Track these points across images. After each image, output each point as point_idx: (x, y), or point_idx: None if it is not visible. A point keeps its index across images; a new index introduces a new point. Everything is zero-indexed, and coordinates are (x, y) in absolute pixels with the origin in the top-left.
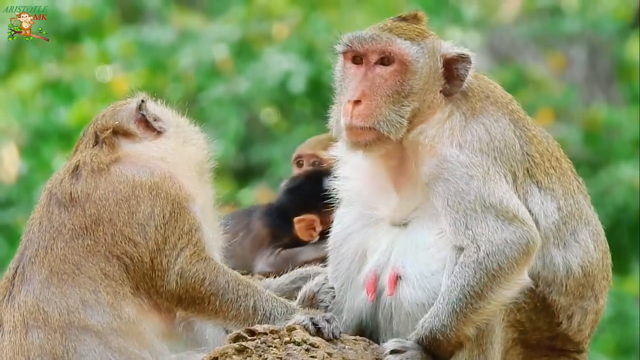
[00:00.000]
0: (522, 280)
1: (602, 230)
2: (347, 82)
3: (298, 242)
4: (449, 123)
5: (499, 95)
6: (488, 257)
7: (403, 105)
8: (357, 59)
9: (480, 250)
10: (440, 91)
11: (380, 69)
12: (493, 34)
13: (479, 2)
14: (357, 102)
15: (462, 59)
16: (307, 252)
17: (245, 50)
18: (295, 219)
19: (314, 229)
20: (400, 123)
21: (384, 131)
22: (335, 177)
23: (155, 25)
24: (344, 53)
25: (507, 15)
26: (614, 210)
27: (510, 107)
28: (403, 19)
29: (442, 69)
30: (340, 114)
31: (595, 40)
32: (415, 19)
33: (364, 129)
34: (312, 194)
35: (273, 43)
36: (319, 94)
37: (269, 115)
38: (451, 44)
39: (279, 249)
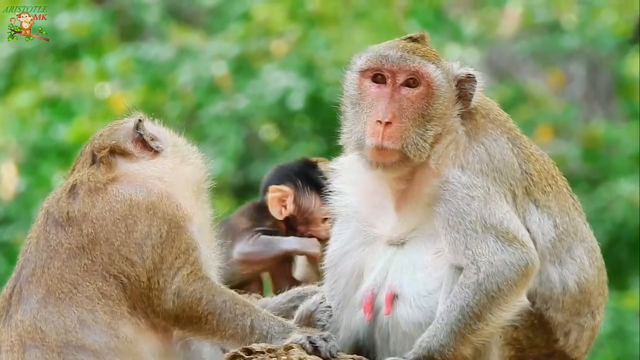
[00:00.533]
0: (520, 302)
1: (598, 247)
2: (370, 101)
3: (279, 232)
4: (454, 144)
5: (497, 113)
6: (488, 278)
7: (427, 130)
8: (379, 77)
9: (480, 272)
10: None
11: (406, 91)
12: (492, 50)
13: (478, 19)
14: (387, 123)
15: (470, 78)
16: (288, 242)
17: (244, 67)
18: (271, 186)
19: (285, 206)
20: (424, 147)
21: (410, 154)
22: (331, 191)
23: (154, 42)
24: (364, 71)
25: (506, 31)
26: (613, 226)
27: (508, 125)
28: (414, 39)
29: (457, 91)
30: (363, 133)
31: (594, 57)
32: (423, 39)
33: (393, 150)
34: (296, 172)
35: (272, 60)
36: (318, 111)
37: (268, 132)
38: (459, 64)
39: (259, 233)
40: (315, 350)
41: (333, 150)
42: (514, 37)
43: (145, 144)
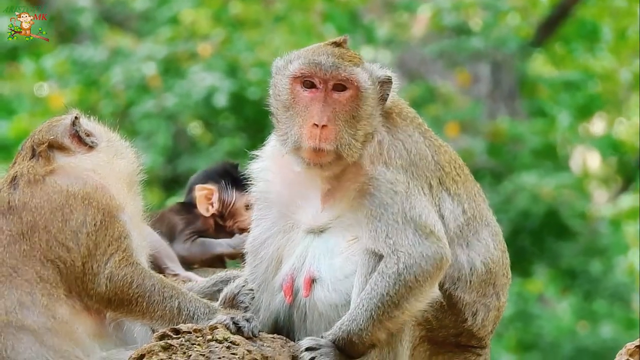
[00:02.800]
0: (433, 292)
1: (500, 231)
2: (304, 106)
3: (210, 233)
4: (377, 143)
5: (407, 111)
6: (407, 269)
7: (358, 130)
8: (308, 83)
9: (399, 262)
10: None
11: (337, 95)
12: (403, 52)
13: (391, 22)
14: (323, 126)
15: (388, 80)
16: (223, 245)
17: (172, 68)
18: (197, 185)
19: (212, 203)
20: (356, 146)
21: (344, 153)
22: (253, 179)
23: (89, 45)
24: (295, 78)
25: (416, 34)
26: (517, 216)
27: (417, 121)
28: (338, 44)
29: (380, 92)
30: (299, 136)
31: (499, 58)
32: (345, 43)
33: (329, 151)
34: (219, 172)
35: (198, 61)
36: (241, 109)
37: (194, 128)
38: (379, 66)
39: (195, 236)
40: (239, 330)
41: (255, 145)
42: (423, 39)
43: (81, 139)
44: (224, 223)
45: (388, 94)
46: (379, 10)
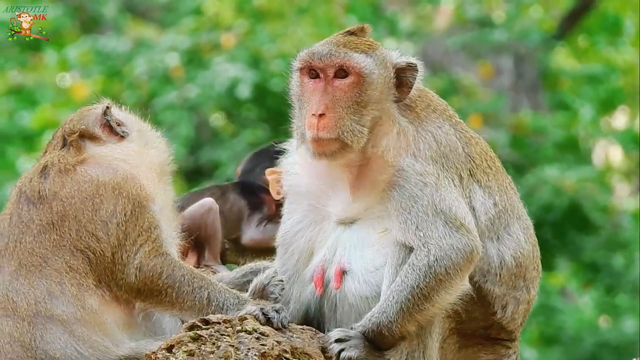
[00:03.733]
0: (463, 285)
1: (532, 225)
2: (308, 97)
3: (275, 220)
4: (402, 134)
5: (437, 102)
6: (437, 261)
7: (363, 115)
8: (313, 73)
9: (430, 254)
10: (394, 100)
11: (338, 82)
12: (426, 44)
13: (414, 14)
14: (321, 115)
15: (411, 67)
16: None
17: (195, 59)
18: (267, 170)
19: (281, 186)
20: (362, 132)
21: (347, 140)
22: (284, 173)
23: (112, 36)
24: (301, 69)
25: (439, 26)
26: (539, 209)
27: (448, 112)
28: (352, 33)
29: (394, 79)
30: (304, 127)
31: (521, 50)
32: (362, 31)
33: (330, 140)
34: (274, 155)
35: (221, 52)
36: (264, 100)
37: (217, 119)
38: (399, 53)
39: (265, 222)
40: (268, 321)
41: (277, 136)
42: (446, 31)
43: (112, 129)
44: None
45: (411, 81)
46: (401, 2)
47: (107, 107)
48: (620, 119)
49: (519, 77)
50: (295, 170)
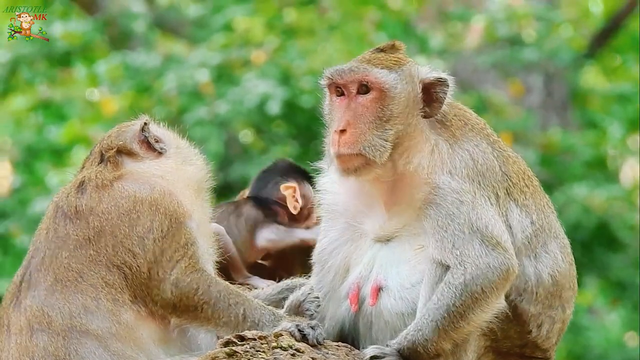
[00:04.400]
0: (499, 304)
1: (569, 244)
2: (334, 114)
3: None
4: (437, 152)
5: (475, 121)
6: (473, 280)
7: (386, 130)
8: (339, 91)
9: (466, 273)
10: (423, 116)
11: (361, 98)
12: (456, 62)
13: (444, 32)
14: (342, 131)
15: (440, 82)
16: (303, 232)
17: (225, 75)
18: (282, 185)
19: (297, 200)
20: (384, 146)
21: (369, 155)
22: (319, 190)
23: (142, 51)
24: (329, 87)
25: (470, 44)
26: (568, 227)
27: (486, 131)
28: (381, 50)
29: (421, 93)
30: (329, 144)
31: (551, 69)
32: (393, 48)
33: (351, 155)
34: (286, 169)
35: (251, 68)
36: (294, 117)
37: (246, 135)
38: (429, 68)
39: (279, 224)
40: (303, 338)
41: (307, 153)
42: (477, 49)
43: (150, 145)
44: (301, 221)
45: (442, 96)
46: (432, 20)
47: (145, 124)
48: None
49: (548, 96)
50: (332, 189)
